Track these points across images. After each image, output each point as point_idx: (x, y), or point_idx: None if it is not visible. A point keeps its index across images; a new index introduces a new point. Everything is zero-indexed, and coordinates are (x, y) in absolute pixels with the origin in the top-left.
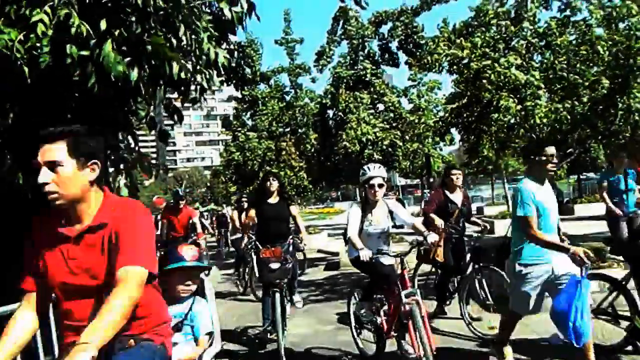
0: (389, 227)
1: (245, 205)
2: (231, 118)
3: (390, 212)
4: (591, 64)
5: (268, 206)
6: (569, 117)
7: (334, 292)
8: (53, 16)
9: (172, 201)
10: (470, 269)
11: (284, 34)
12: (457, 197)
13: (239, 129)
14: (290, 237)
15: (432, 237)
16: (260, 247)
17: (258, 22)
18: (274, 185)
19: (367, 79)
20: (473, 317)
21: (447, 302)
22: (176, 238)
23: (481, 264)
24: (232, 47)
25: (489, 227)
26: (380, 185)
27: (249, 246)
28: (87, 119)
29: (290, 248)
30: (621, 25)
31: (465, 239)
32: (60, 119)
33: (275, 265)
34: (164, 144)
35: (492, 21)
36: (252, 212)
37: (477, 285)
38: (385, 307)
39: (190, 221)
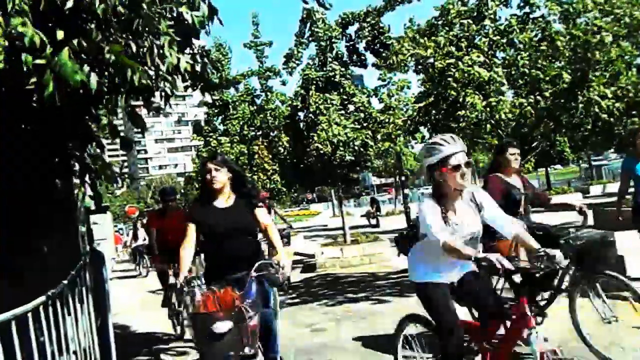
0: (480, 229)
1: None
2: (202, 123)
3: (478, 206)
4: (552, 59)
5: (214, 213)
6: (532, 111)
7: (310, 294)
8: (6, 25)
9: (157, 207)
10: (570, 277)
11: (252, 37)
12: (516, 181)
13: (211, 133)
14: (258, 262)
15: (560, 258)
16: (203, 287)
17: (228, 26)
18: (220, 177)
19: (336, 80)
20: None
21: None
22: (171, 248)
23: (589, 271)
24: (196, 51)
25: (587, 212)
26: (468, 164)
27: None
28: (47, 128)
29: (253, 287)
30: (578, 21)
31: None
32: (19, 129)
33: (222, 327)
34: (128, 152)
35: (455, 20)
36: (192, 229)
37: (590, 297)
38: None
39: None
